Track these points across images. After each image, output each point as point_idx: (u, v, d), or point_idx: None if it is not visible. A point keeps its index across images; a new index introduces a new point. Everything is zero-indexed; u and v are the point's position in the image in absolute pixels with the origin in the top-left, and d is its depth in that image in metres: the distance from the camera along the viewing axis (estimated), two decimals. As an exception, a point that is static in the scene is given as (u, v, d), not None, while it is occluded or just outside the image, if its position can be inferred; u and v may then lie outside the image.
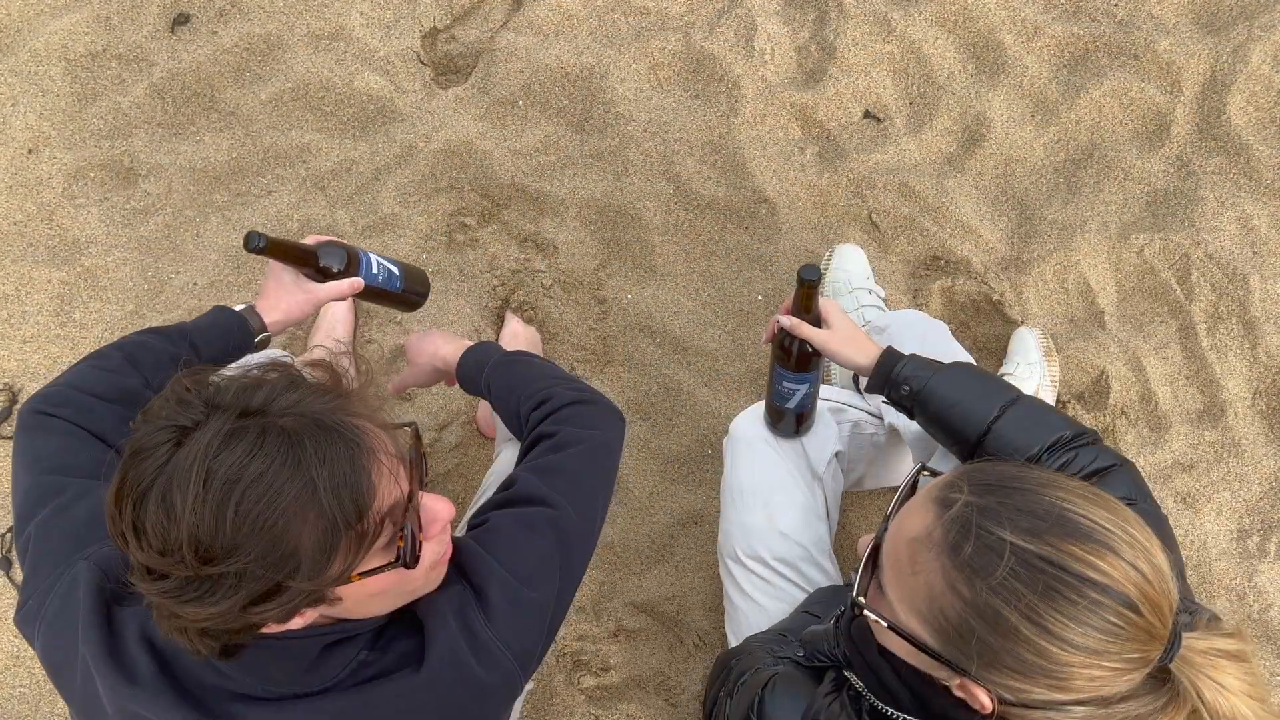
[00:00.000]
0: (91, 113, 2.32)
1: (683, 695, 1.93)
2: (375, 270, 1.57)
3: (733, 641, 1.66)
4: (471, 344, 1.57)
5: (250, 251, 1.39)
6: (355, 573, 0.90)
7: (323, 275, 1.51)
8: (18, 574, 1.98)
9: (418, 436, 0.99)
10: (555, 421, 1.32)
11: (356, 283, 1.53)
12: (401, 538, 0.93)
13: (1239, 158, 2.25)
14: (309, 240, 1.51)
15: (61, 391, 1.26)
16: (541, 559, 1.14)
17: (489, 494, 1.39)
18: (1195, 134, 2.30)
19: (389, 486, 0.90)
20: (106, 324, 2.15)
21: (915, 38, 2.39)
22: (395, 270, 1.62)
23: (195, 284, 2.20)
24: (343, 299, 1.54)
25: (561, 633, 1.97)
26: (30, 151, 2.27)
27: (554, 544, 1.15)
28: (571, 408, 1.34)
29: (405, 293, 1.64)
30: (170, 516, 0.82)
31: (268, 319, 1.48)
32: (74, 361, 2.08)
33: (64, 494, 1.14)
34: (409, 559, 0.93)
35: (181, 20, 2.41)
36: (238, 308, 1.47)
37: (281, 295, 1.49)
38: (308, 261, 1.49)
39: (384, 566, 0.93)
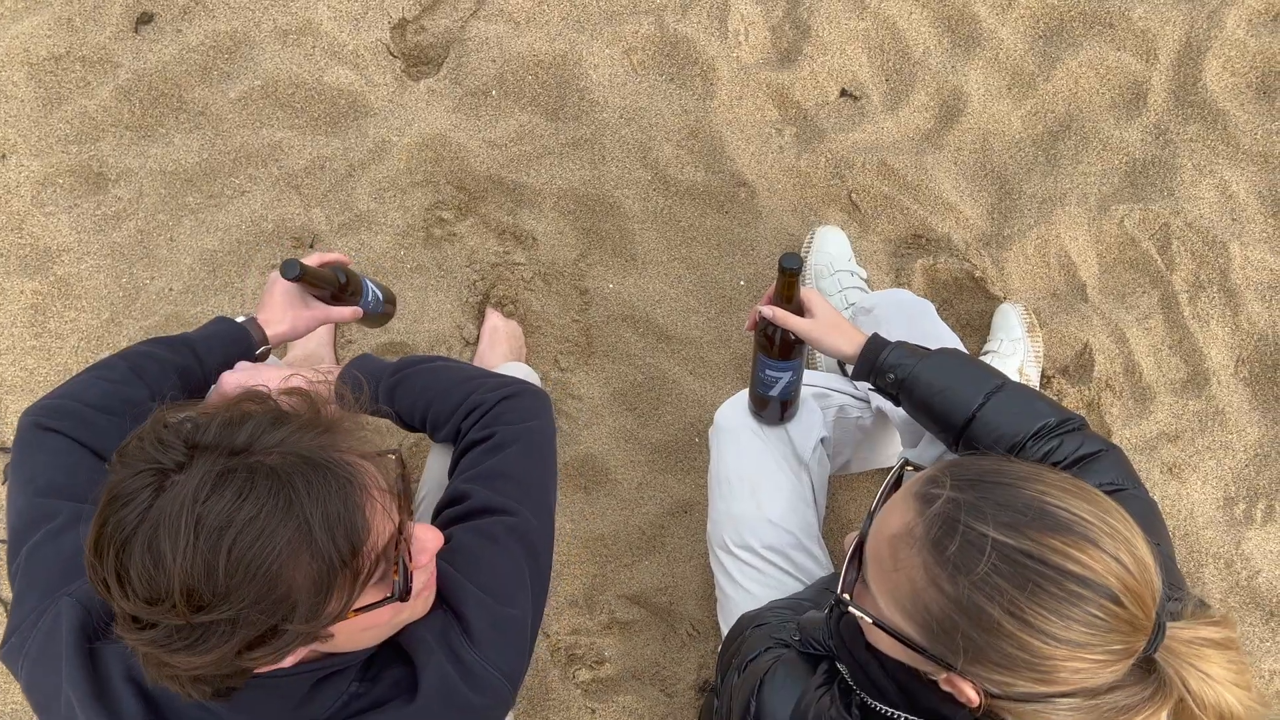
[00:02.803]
0: (57, 117, 2.28)
1: (678, 685, 1.94)
2: (370, 297, 1.62)
3: (724, 631, 1.66)
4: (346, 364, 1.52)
5: (287, 279, 1.42)
6: (351, 610, 0.89)
7: (332, 297, 1.54)
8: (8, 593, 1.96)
9: (403, 463, 0.98)
10: (488, 423, 1.30)
11: (358, 311, 1.57)
12: (396, 570, 0.92)
13: (1216, 124, 2.24)
14: (319, 259, 1.53)
15: (62, 403, 1.24)
16: (512, 572, 1.13)
17: (426, 501, 1.37)
18: (1172, 102, 2.29)
19: (382, 522, 0.89)
20: (82, 333, 2.13)
21: (889, 13, 2.37)
22: (380, 294, 1.67)
23: (171, 289, 2.17)
24: (344, 322, 1.55)
25: (555, 627, 1.98)
26: (4, 156, 2.23)
27: (521, 553, 1.15)
28: (501, 405, 1.32)
29: (385, 313, 1.70)
30: (159, 565, 0.80)
31: (271, 332, 1.47)
32: (50, 372, 2.08)
33: (56, 519, 1.12)
34: (403, 592, 0.92)
35: (145, 20, 2.37)
36: (239, 319, 1.46)
37: (289, 310, 1.48)
38: (329, 286, 1.52)
39: (379, 602, 0.92)
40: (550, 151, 2.30)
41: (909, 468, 1.08)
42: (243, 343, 1.44)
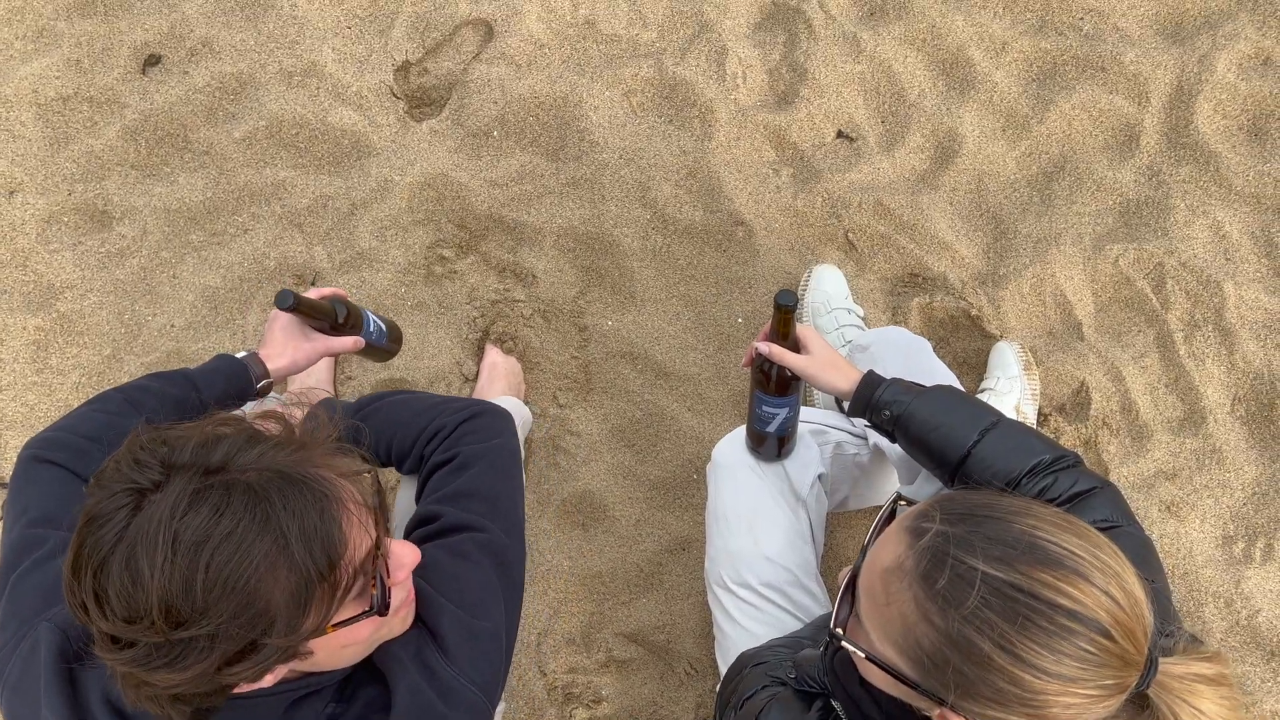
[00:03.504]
0: (64, 157, 2.31)
1: (675, 724, 1.92)
2: (371, 329, 1.64)
3: (723, 669, 1.65)
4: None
5: (281, 309, 1.44)
6: (329, 624, 0.89)
7: (331, 329, 1.55)
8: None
9: (378, 481, 0.98)
10: (450, 445, 1.31)
11: (359, 341, 1.58)
12: (374, 585, 0.92)
13: (1208, 166, 2.27)
14: (317, 293, 1.55)
15: (58, 436, 1.26)
16: (484, 585, 1.14)
17: (398, 534, 1.38)
18: (1164, 144, 2.32)
19: (359, 536, 0.90)
20: (84, 369, 2.14)
21: (885, 57, 2.41)
22: (383, 327, 1.69)
23: (173, 325, 2.19)
24: (345, 353, 1.56)
25: (552, 665, 1.97)
26: (12, 193, 2.26)
27: (492, 568, 1.16)
28: (462, 427, 1.33)
29: (388, 348, 1.72)
30: (136, 582, 0.80)
31: (273, 365, 1.49)
32: (50, 408, 2.09)
33: (43, 547, 1.13)
34: (381, 606, 0.93)
35: (153, 61, 2.41)
36: (239, 355, 1.48)
37: (289, 343, 1.50)
38: (325, 317, 1.53)
39: (357, 616, 0.92)
40: (550, 191, 2.33)
41: (902, 502, 1.09)
42: (243, 376, 1.45)
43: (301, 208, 2.29)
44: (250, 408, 1.37)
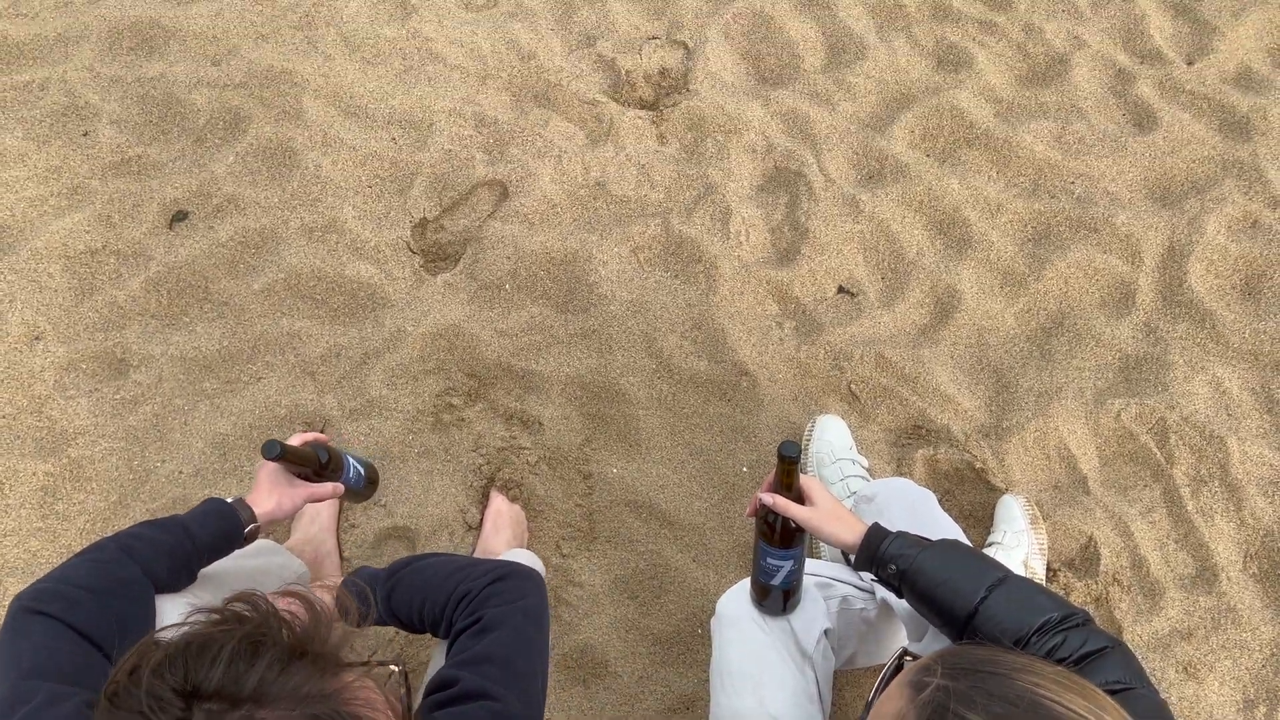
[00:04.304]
0: (87, 306, 2.38)
1: None
2: (351, 474, 1.72)
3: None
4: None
5: (268, 459, 1.51)
6: None
7: (315, 473, 1.63)
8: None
9: (405, 677, 0.97)
10: (475, 608, 1.31)
11: (339, 488, 1.67)
12: None
13: (1204, 323, 2.32)
14: (300, 439, 1.64)
15: (51, 587, 1.26)
16: None
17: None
18: (1160, 301, 2.37)
19: None
20: (89, 515, 2.14)
21: (883, 217, 2.50)
22: (362, 471, 1.78)
23: (181, 472, 2.20)
24: (327, 499, 1.66)
25: (549, 832, 1.88)
26: (35, 340, 2.32)
27: None
28: (488, 589, 1.34)
29: (365, 491, 1.81)
30: None
31: (260, 510, 1.53)
32: (53, 554, 2.07)
33: (33, 700, 1.11)
34: None
35: (180, 217, 2.51)
36: (228, 499, 1.52)
37: (275, 490, 1.56)
38: (309, 463, 1.61)
39: None
40: (559, 341, 2.38)
41: (908, 656, 1.07)
42: (232, 520, 1.49)
43: (315, 356, 2.34)
44: (256, 559, 1.37)
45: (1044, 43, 2.98)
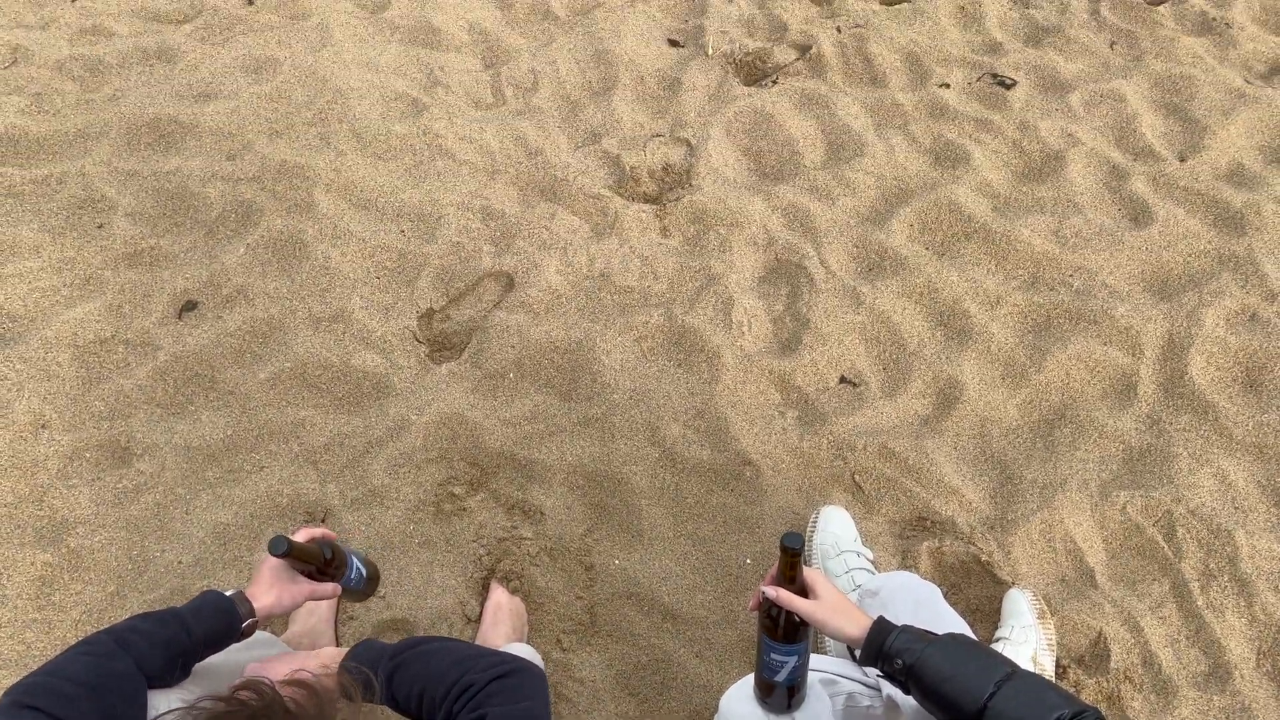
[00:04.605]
0: (94, 395, 2.40)
1: None
2: (353, 574, 1.71)
3: None
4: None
5: (274, 555, 1.50)
6: None
7: (319, 571, 1.62)
8: None
9: None
10: (478, 704, 1.28)
11: (337, 588, 1.65)
12: None
13: (1207, 416, 2.32)
14: (306, 535, 1.62)
15: (43, 680, 1.25)
16: None
17: None
18: (1162, 393, 2.38)
19: None
20: (86, 606, 2.12)
21: (884, 308, 2.53)
22: (364, 571, 1.76)
23: (180, 562, 2.18)
24: (326, 598, 1.65)
25: None
26: (43, 427, 2.33)
27: None
28: (492, 685, 1.30)
29: (365, 590, 1.79)
30: None
31: (259, 605, 1.51)
32: (48, 646, 2.05)
33: None
34: None
35: (189, 307, 2.55)
36: (227, 593, 1.50)
37: (275, 585, 1.55)
38: (313, 561, 1.60)
39: None
40: (562, 429, 2.38)
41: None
42: (230, 614, 1.47)
43: (318, 445, 2.35)
44: (281, 665, 1.35)
45: (1039, 140, 3.06)
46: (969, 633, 1.67)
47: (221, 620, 1.45)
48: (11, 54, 3.20)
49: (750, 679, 1.65)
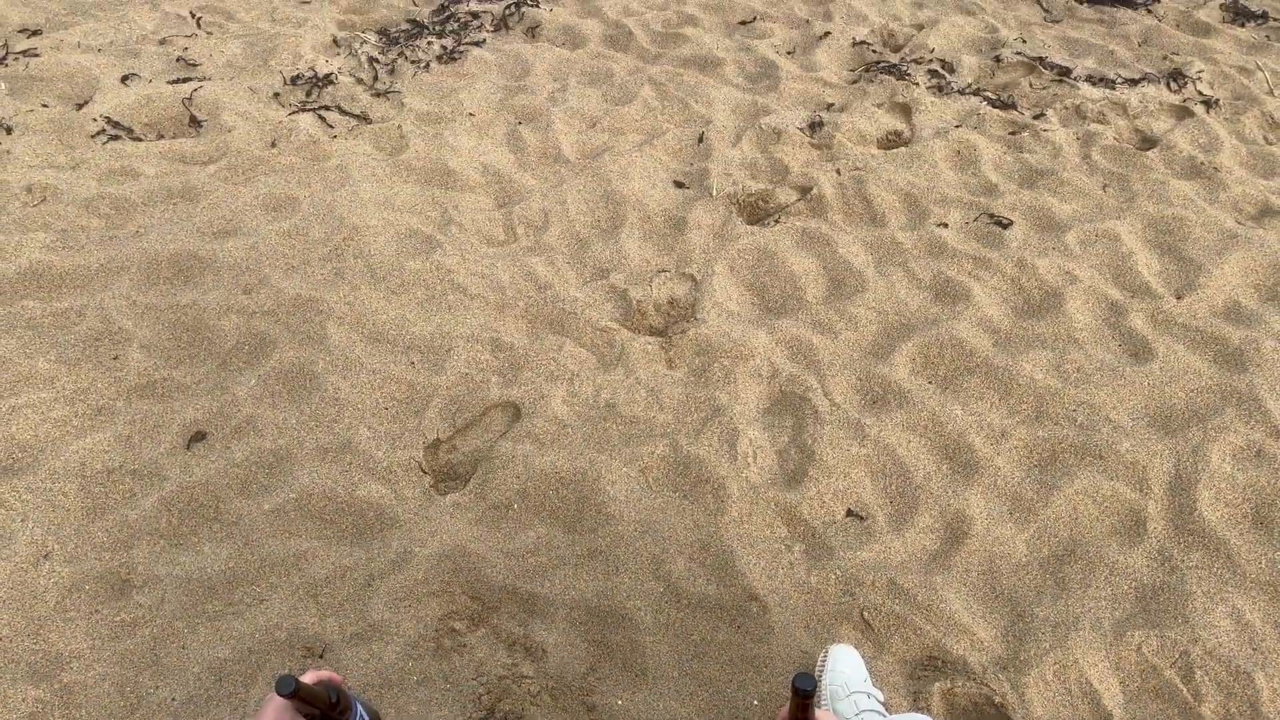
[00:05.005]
0: (98, 526, 2.39)
1: None
2: (357, 718, 1.69)
3: None
4: None
5: (280, 695, 1.48)
6: None
7: (323, 715, 1.60)
8: None
9: None
10: None
11: None
12: None
13: (1219, 553, 2.29)
14: (313, 677, 1.61)
15: None
16: None
17: None
18: (1171, 529, 2.36)
19: None
20: (74, 744, 2.06)
21: (889, 441, 2.54)
22: (367, 717, 1.74)
23: (173, 699, 2.13)
24: None
25: None
26: (45, 558, 2.32)
27: None
28: None
29: None
30: None
31: None
32: (32, 787, 1.98)
33: None
34: None
35: (198, 438, 2.57)
36: None
37: None
38: (319, 703, 1.58)
39: None
40: (566, 562, 2.36)
41: None
42: None
43: (319, 578, 2.32)
44: None
45: (1037, 277, 3.12)
46: (984, 780, 1.61)
47: None
48: (41, 192, 3.32)
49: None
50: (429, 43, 4.33)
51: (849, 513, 2.45)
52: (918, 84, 4.15)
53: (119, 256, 3.09)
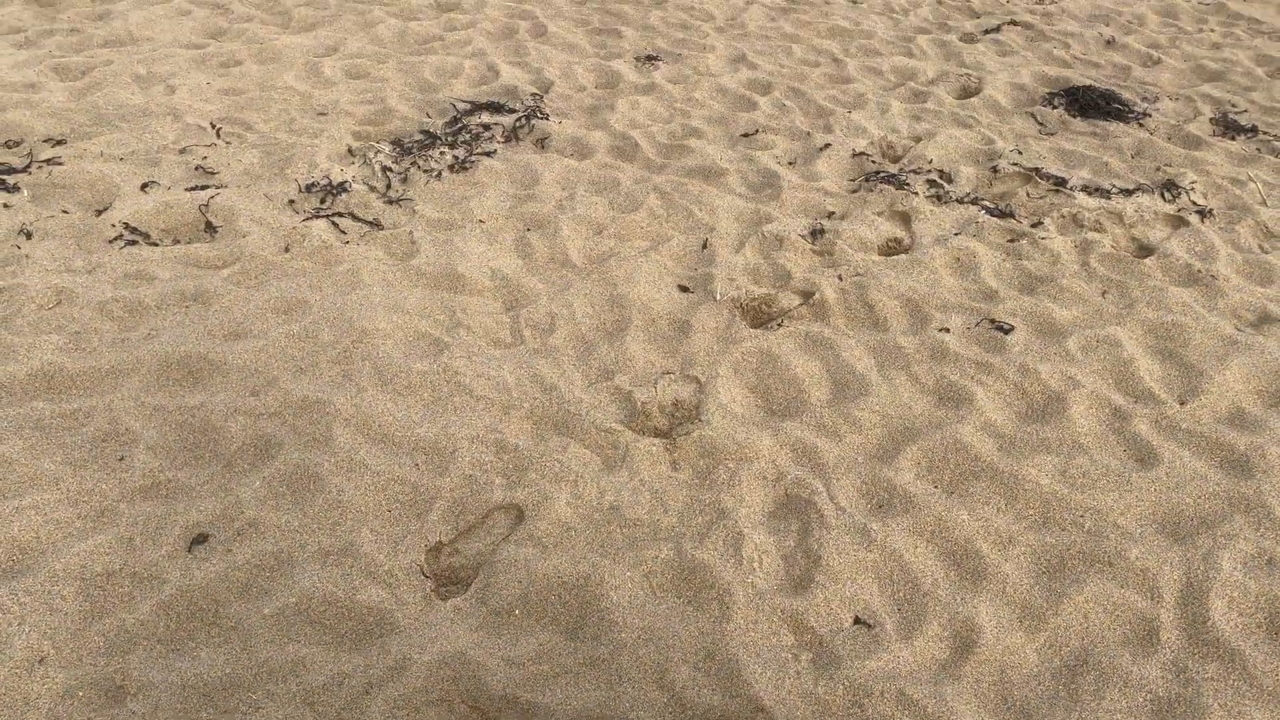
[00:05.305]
0: (95, 630, 2.36)
1: None
2: None
3: None
4: None
5: None
6: None
7: None
8: None
9: None
10: None
11: None
12: None
13: (1234, 664, 2.24)
14: None
15: None
16: None
17: None
18: (1185, 639, 2.31)
19: None
20: None
21: (895, 547, 2.51)
22: None
23: (162, 812, 2.07)
24: None
25: None
26: (40, 662, 2.28)
27: None
28: None
29: None
30: None
31: None
32: None
33: None
34: None
35: (200, 540, 2.56)
36: None
37: None
38: None
39: None
40: (567, 670, 2.31)
41: None
42: None
43: (317, 685, 2.28)
44: None
45: (1040, 382, 3.14)
46: None
47: None
48: (57, 296, 3.38)
49: None
50: (441, 152, 4.46)
51: (857, 620, 2.42)
52: (917, 193, 4.25)
53: (130, 359, 3.13)
